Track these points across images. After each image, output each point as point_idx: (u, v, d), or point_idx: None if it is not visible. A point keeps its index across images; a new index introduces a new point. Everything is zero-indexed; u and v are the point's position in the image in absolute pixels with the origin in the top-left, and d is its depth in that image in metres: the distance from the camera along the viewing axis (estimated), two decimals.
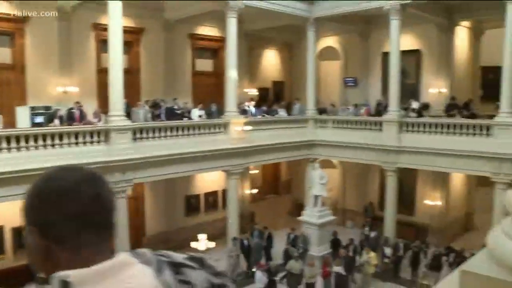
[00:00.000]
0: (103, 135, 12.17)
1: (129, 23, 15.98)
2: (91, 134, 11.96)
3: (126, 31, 14.94)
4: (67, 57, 14.84)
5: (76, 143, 11.63)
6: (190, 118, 15.43)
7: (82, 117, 12.70)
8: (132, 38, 16.31)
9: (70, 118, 12.55)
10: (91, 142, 11.93)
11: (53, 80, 14.70)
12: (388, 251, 15.07)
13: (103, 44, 13.91)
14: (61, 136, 11.37)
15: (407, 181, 18.64)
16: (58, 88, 14.75)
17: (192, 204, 18.57)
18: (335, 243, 15.98)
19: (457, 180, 18.87)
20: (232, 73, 15.42)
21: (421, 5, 15.62)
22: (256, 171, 23.87)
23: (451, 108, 16.47)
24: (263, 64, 24.18)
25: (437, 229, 17.98)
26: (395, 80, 15.87)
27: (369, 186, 20.42)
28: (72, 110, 12.71)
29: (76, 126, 12.06)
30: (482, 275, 1.83)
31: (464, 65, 19.07)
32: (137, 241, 16.61)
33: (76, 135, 11.66)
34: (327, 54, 21.85)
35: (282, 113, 18.20)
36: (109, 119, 12.37)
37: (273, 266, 13.67)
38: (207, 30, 18.96)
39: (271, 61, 24.67)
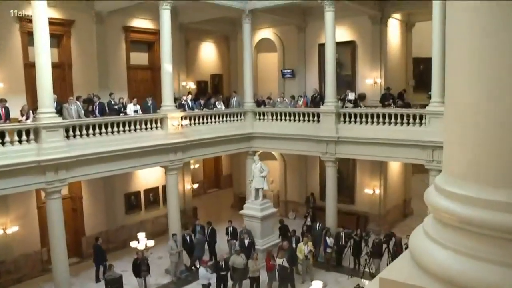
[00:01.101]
0: (33, 133, 11.71)
1: (58, 14, 15.46)
2: (19, 133, 11.46)
3: (54, 23, 14.59)
4: None
5: (2, 143, 11.12)
6: (126, 114, 15.07)
7: (8, 115, 12.04)
8: (61, 30, 15.73)
9: None
10: (20, 141, 11.44)
11: None
12: (330, 241, 15.41)
13: (29, 37, 13.26)
14: None
15: (347, 171, 19.23)
16: None
17: (132, 201, 18.31)
18: (284, 230, 16.33)
19: (394, 168, 19.59)
20: (167, 67, 15.20)
21: None
22: (197, 166, 23.87)
23: (386, 98, 17.02)
24: (200, 57, 24.12)
25: (377, 216, 18.63)
26: (331, 71, 16.17)
27: (310, 177, 20.76)
28: None
29: (2, 125, 11.42)
30: (402, 283, 1.73)
31: (397, 56, 19.77)
32: (76, 242, 16.24)
33: (2, 134, 11.14)
34: (264, 46, 21.99)
35: (220, 106, 18.13)
36: (39, 117, 11.90)
37: (220, 260, 13.64)
38: (141, 23, 18.58)
39: (208, 54, 24.65)
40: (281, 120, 17.72)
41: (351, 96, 16.99)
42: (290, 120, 17.47)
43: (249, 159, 18.08)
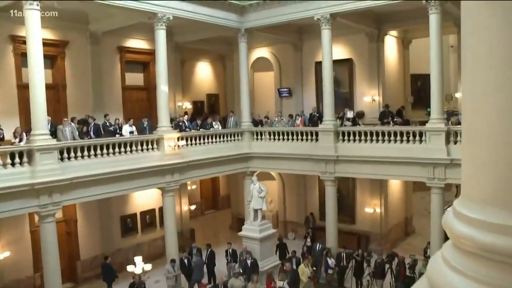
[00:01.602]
0: (26, 156, 11.59)
1: (52, 35, 15.49)
2: (12, 155, 11.34)
3: (48, 43, 14.60)
4: None
5: None
6: (122, 135, 15.02)
7: (0, 138, 11.93)
8: (55, 51, 15.73)
9: None
10: (13, 164, 11.31)
11: None
12: (331, 261, 15.19)
13: (23, 58, 13.24)
14: None
15: (346, 190, 19.05)
16: None
17: (128, 224, 18.13)
18: (282, 248, 16.25)
19: (395, 186, 19.46)
20: (163, 87, 15.21)
21: (350, 15, 16.04)
22: (194, 187, 23.73)
23: (385, 115, 16.97)
24: (196, 77, 24.16)
25: (379, 235, 18.41)
26: (329, 89, 16.14)
27: (309, 196, 20.60)
28: None
29: None
30: None
31: (394, 73, 19.81)
32: (70, 266, 16.02)
33: None
34: (260, 65, 22.02)
35: (217, 126, 18.08)
36: (32, 139, 11.79)
37: (220, 284, 13.40)
38: (136, 43, 18.63)
39: (204, 73, 24.69)
40: (279, 139, 17.64)
41: (350, 114, 16.95)
42: (288, 139, 17.39)
43: (247, 180, 17.97)
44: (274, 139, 17.76)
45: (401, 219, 20.07)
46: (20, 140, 12.28)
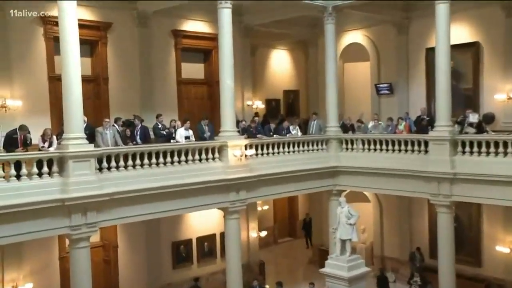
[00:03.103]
0: (57, 164, 11.69)
1: (90, 15, 15.84)
2: (40, 163, 11.46)
3: (86, 26, 14.96)
4: (4, 61, 14.47)
5: (18, 176, 11.10)
6: (176, 141, 15.12)
7: (26, 141, 12.08)
8: (95, 35, 16.08)
9: (10, 144, 11.98)
10: (40, 175, 11.43)
11: None
12: None
13: (56, 43, 13.50)
14: None
15: (468, 219, 18.40)
16: None
17: (181, 252, 18.40)
18: (383, 282, 16.35)
19: None
20: (228, 81, 15.15)
21: None
22: (266, 208, 23.83)
23: None
24: (270, 69, 24.31)
25: None
26: (444, 84, 15.40)
27: (415, 226, 20.15)
28: (14, 136, 12.13)
29: (17, 153, 11.45)
30: None
31: None
32: None
33: (18, 165, 11.14)
34: (352, 53, 21.86)
35: (295, 132, 17.92)
36: (64, 143, 11.89)
37: None
38: (195, 25, 18.80)
39: (281, 64, 24.78)
40: (375, 150, 17.19)
41: (473, 117, 16.10)
42: (387, 150, 16.88)
43: (332, 201, 17.70)
44: (369, 150, 17.33)
45: None
46: (50, 145, 12.40)
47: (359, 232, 16.64)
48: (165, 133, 15.31)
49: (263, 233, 21.68)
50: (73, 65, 11.77)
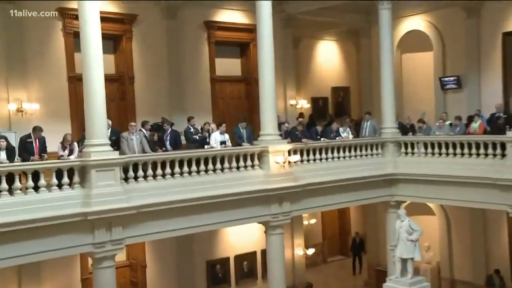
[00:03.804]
0: (78, 174, 11.91)
1: (114, 7, 16.11)
2: (59, 173, 11.69)
3: (109, 19, 15.23)
4: (19, 60, 14.87)
5: (36, 188, 11.34)
6: (210, 146, 15.18)
7: (43, 149, 12.40)
8: (119, 29, 16.34)
9: (25, 150, 12.28)
10: (60, 186, 11.66)
11: (0, 94, 14.83)
12: None
13: (76, 39, 13.82)
14: (10, 178, 11.06)
15: None
16: (9, 105, 14.80)
17: (217, 273, 18.55)
18: None
19: None
20: (268, 78, 15.16)
21: None
22: (313, 222, 23.62)
23: None
24: (316, 63, 24.16)
25: None
26: None
27: (491, 243, 19.80)
28: (29, 140, 12.43)
29: (35, 162, 11.69)
30: None
31: None
32: None
33: (36, 175, 11.37)
34: (412, 43, 21.72)
35: (346, 134, 17.85)
36: (86, 151, 12.08)
37: None
38: (230, 15, 19.01)
39: (328, 57, 24.60)
40: (440, 154, 16.88)
41: None
42: (455, 154, 16.56)
43: (390, 214, 17.58)
44: (433, 154, 17.04)
45: None
46: (70, 153, 12.62)
47: (423, 250, 16.31)
48: (197, 137, 15.36)
49: (310, 251, 21.50)
50: (95, 63, 11.97)
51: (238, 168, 14.59)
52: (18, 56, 14.84)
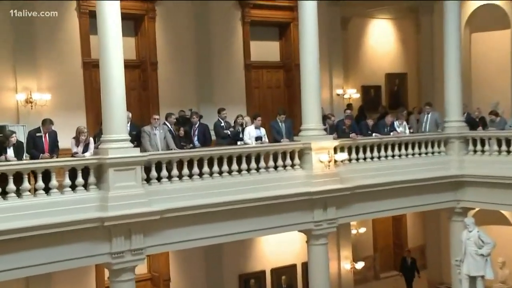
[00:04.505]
0: (94, 174, 12.09)
1: None
2: (73, 172, 11.85)
3: None
4: (28, 45, 15.09)
5: (47, 190, 11.51)
6: (243, 142, 15.29)
7: (54, 145, 12.63)
8: (140, 8, 16.47)
9: (33, 146, 12.48)
10: (73, 187, 11.83)
11: (7, 83, 15.05)
12: None
13: (92, 20, 14.03)
14: (18, 178, 11.22)
15: None
16: (17, 96, 15.02)
17: None
18: None
19: None
20: (311, 64, 15.17)
21: None
22: (362, 231, 23.44)
23: None
24: (368, 46, 23.91)
25: None
26: None
27: None
28: (38, 134, 12.63)
29: (46, 160, 11.85)
30: None
31: None
32: None
33: (46, 175, 11.52)
34: (483, 20, 21.54)
35: (402, 129, 17.78)
36: (103, 147, 12.23)
37: None
38: None
39: (382, 39, 24.35)
40: None
41: None
42: None
43: (455, 222, 17.58)
44: (509, 152, 16.92)
45: None
46: (85, 149, 12.74)
47: (496, 266, 16.10)
48: (229, 132, 15.47)
49: (360, 265, 21.38)
50: (114, 47, 12.06)
51: (275, 167, 14.67)
52: (26, 39, 15.03)
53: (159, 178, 12.92)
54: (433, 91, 21.66)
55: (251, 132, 15.48)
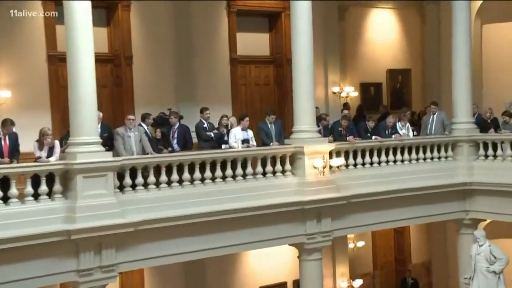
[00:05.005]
0: (60, 181, 12.02)
1: None
2: (36, 180, 11.77)
3: None
4: None
5: (5, 199, 11.42)
6: (229, 145, 15.31)
7: (15, 148, 12.51)
8: None
9: None
10: (36, 196, 11.75)
11: None
12: None
13: (59, 8, 13.93)
14: None
15: None
16: None
17: None
18: None
19: None
20: (304, 58, 15.20)
21: None
22: (361, 245, 23.51)
23: None
24: (367, 39, 23.98)
25: None
26: None
27: None
28: None
29: (3, 166, 11.70)
30: None
31: None
32: None
33: (5, 183, 11.44)
34: (497, 9, 21.50)
35: (405, 131, 17.77)
36: (70, 151, 12.19)
37: None
38: None
39: (384, 31, 24.42)
40: None
41: None
42: None
43: (464, 235, 17.63)
44: None
45: None
46: (50, 153, 12.63)
47: (510, 285, 16.14)
48: (213, 135, 15.45)
49: (358, 283, 21.46)
50: (83, 39, 12.01)
51: (264, 174, 14.72)
52: None
53: (133, 186, 12.92)
54: (439, 89, 21.87)
55: (237, 134, 15.50)
